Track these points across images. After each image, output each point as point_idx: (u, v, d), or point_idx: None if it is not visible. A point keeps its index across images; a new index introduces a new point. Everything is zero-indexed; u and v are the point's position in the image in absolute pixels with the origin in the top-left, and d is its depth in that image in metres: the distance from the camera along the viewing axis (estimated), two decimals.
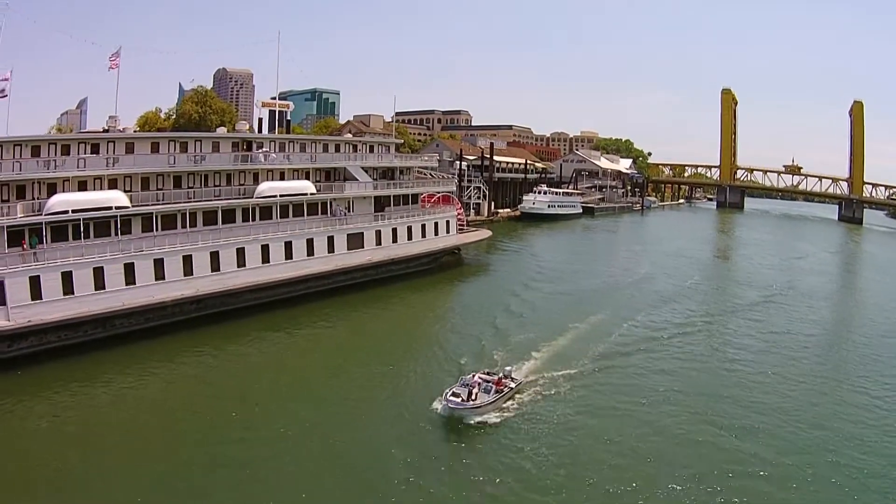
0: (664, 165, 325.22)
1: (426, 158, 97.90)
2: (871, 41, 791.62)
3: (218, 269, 59.58)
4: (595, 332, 58.39)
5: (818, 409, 43.32)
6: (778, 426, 40.13)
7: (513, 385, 42.51)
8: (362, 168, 78.29)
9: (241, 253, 61.63)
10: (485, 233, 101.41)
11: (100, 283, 52.09)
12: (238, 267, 61.23)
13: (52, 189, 54.03)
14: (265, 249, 63.69)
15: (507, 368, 44.28)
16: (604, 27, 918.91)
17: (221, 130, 75.54)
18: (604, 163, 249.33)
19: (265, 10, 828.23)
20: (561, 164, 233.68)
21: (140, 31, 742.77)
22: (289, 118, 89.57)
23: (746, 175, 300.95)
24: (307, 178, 72.71)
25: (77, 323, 50.32)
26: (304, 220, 68.83)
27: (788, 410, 42.71)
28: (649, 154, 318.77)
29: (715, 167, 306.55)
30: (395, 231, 78.27)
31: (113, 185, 56.90)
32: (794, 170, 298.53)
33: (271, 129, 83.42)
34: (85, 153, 56.99)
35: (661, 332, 60.17)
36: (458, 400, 38.87)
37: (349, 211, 74.13)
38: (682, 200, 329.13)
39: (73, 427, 38.29)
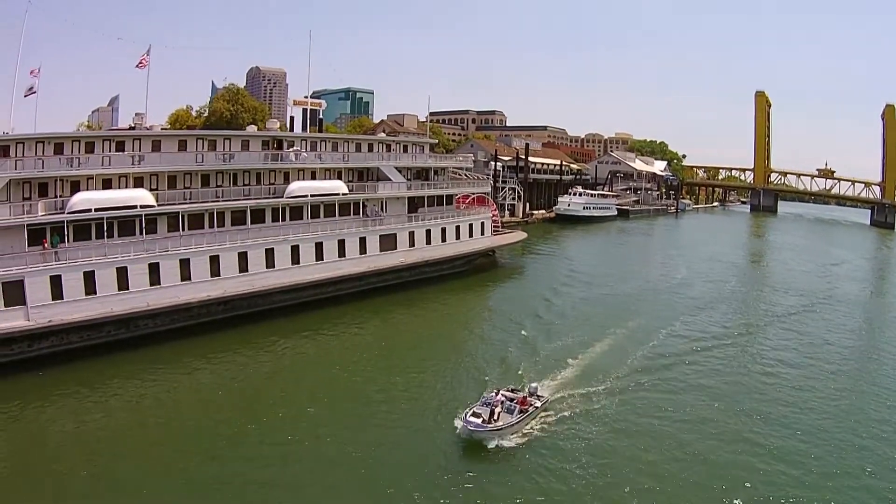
0: (698, 168, 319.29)
1: (461, 159, 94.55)
2: None
3: (246, 270, 57.09)
4: (629, 341, 54.77)
5: (860, 429, 39.48)
6: (820, 448, 36.61)
7: (538, 404, 38.85)
8: (396, 168, 75.28)
9: (270, 254, 59.05)
10: (520, 234, 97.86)
11: (123, 284, 49.94)
12: (267, 268, 58.69)
13: (75, 187, 51.87)
14: (295, 250, 61.06)
15: (533, 385, 40.78)
16: (638, 29, 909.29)
17: (251, 129, 72.94)
18: (638, 164, 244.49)
19: (300, 10, 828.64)
20: (596, 166, 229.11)
21: (173, 30, 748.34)
22: (321, 117, 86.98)
23: (780, 178, 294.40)
24: (339, 177, 69.93)
25: (99, 323, 48.24)
26: (336, 220, 66.02)
27: (830, 430, 39.17)
28: (683, 156, 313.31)
29: (749, 170, 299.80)
30: (428, 232, 75.21)
31: (139, 183, 54.67)
32: (826, 173, 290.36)
33: (304, 127, 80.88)
34: (110, 151, 54.66)
35: (699, 342, 56.30)
36: (479, 421, 35.34)
37: (383, 212, 71.36)
38: (716, 203, 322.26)
39: (97, 430, 36.61)
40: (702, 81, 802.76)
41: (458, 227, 79.61)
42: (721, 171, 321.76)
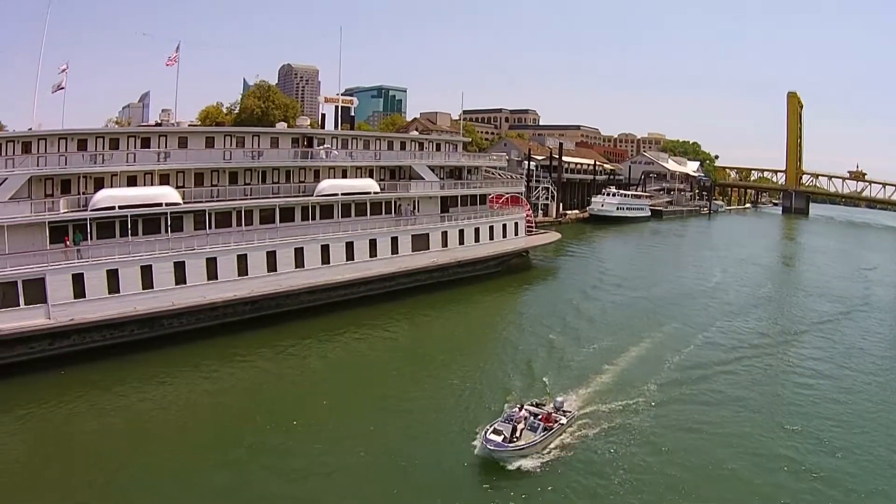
0: (730, 169, 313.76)
1: (495, 158, 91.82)
2: None
3: (275, 270, 54.97)
4: (663, 348, 51.54)
5: None
6: (860, 467, 33.49)
7: (564, 420, 35.28)
8: (428, 167, 72.77)
9: (299, 253, 56.84)
10: (554, 235, 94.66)
11: (147, 282, 48.14)
12: (296, 267, 56.48)
13: (99, 184, 50.08)
14: (325, 250, 58.79)
15: (559, 399, 37.04)
16: (671, 29, 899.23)
17: (281, 126, 70.77)
18: (671, 165, 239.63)
19: (333, 8, 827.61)
20: (630, 166, 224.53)
21: (206, 26, 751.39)
22: (353, 114, 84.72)
23: (811, 180, 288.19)
24: (371, 176, 67.57)
25: (122, 322, 46.54)
26: (367, 219, 63.71)
27: (870, 447, 35.80)
28: (716, 157, 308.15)
29: (780, 172, 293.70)
30: (461, 232, 72.54)
31: (164, 180, 52.79)
32: (858, 176, 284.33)
33: (335, 125, 78.64)
34: (135, 147, 52.79)
35: (735, 350, 52.80)
36: (500, 439, 32.15)
37: (415, 211, 69.00)
38: (748, 205, 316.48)
39: (117, 432, 34.89)
40: (733, 81, 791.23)
41: (491, 228, 76.87)
42: (753, 172, 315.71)
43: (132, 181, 51.44)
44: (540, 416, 34.40)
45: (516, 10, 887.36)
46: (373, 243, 62.76)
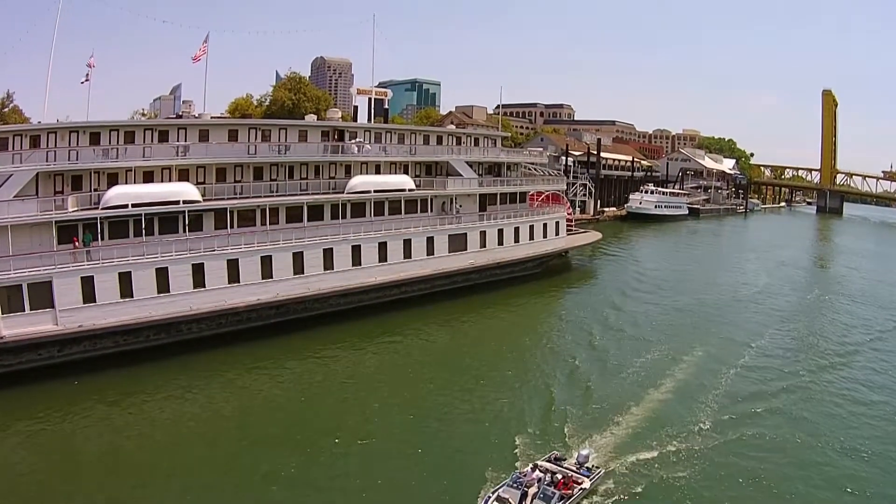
0: (765, 167, 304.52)
1: (536, 154, 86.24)
2: None
3: (301, 272, 49.90)
4: (714, 369, 44.56)
5: None
6: None
7: (587, 483, 27.35)
8: (466, 163, 67.40)
9: (328, 254, 51.67)
10: (594, 235, 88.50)
11: (163, 286, 43.44)
12: (325, 270, 51.37)
13: (112, 180, 45.62)
14: (356, 251, 53.55)
15: (583, 453, 29.20)
16: (705, 27, 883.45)
17: (311, 118, 65.71)
18: (708, 162, 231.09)
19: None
20: (667, 163, 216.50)
21: (240, 17, 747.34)
22: (387, 107, 79.41)
23: (845, 180, 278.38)
24: (405, 172, 62.36)
25: (137, 329, 42.05)
26: (402, 218, 58.33)
27: None
28: (751, 154, 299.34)
29: (815, 170, 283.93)
30: (501, 232, 66.79)
31: (183, 176, 48.05)
32: (893, 176, 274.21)
33: (368, 118, 73.48)
34: (152, 141, 48.00)
35: (792, 368, 45.98)
36: None
37: (457, 209, 63.87)
38: (782, 203, 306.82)
39: (131, 447, 31.50)
40: (768, 79, 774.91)
41: (531, 227, 70.97)
42: (787, 170, 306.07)
43: (148, 177, 46.90)
44: (557, 479, 27.18)
45: (549, 5, 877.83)
46: (407, 244, 57.37)
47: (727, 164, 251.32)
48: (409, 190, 59.63)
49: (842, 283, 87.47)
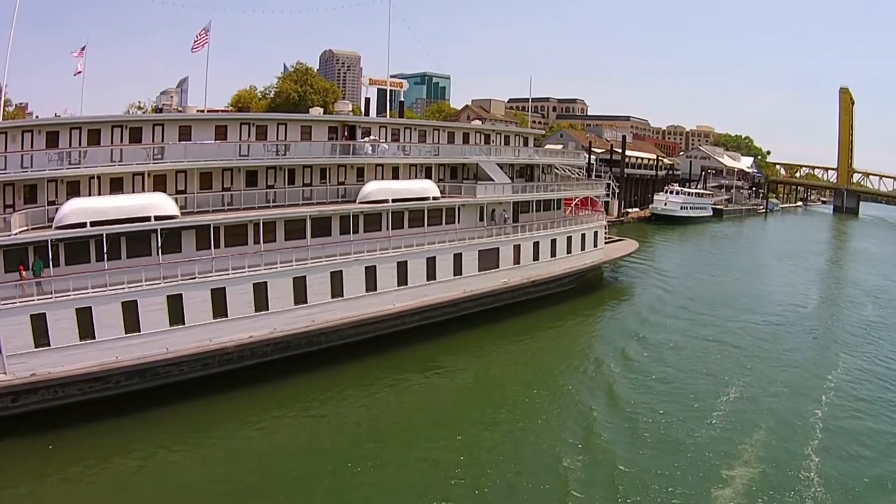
0: (780, 165, 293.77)
1: (573, 154, 75.94)
2: None
3: (304, 301, 40.40)
4: (784, 416, 36.00)
5: None
6: None
7: None
8: (497, 165, 57.62)
9: (337, 278, 42.06)
10: (631, 244, 77.79)
11: (132, 324, 34.07)
12: (333, 297, 41.83)
13: (73, 190, 36.40)
14: (371, 273, 43.90)
15: None
16: (717, 21, 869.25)
17: (316, 112, 55.77)
18: (727, 160, 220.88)
19: None
20: (690, 162, 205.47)
21: (250, 7, 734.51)
22: (402, 99, 69.38)
23: (861, 179, 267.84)
24: (427, 176, 52.77)
25: (102, 376, 33.07)
26: (425, 232, 48.70)
27: None
28: (768, 152, 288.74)
29: (831, 169, 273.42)
30: (536, 245, 56.85)
31: (159, 183, 38.71)
32: None
33: (380, 112, 63.36)
34: (122, 141, 38.48)
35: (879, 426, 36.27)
36: None
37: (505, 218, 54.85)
38: (798, 203, 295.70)
39: None
40: (783, 76, 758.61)
41: (569, 238, 61.09)
42: (802, 169, 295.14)
43: (117, 185, 37.48)
44: None
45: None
46: (431, 262, 47.71)
47: (745, 163, 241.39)
48: (434, 198, 49.88)
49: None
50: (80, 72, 46.12)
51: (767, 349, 49.89)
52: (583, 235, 63.03)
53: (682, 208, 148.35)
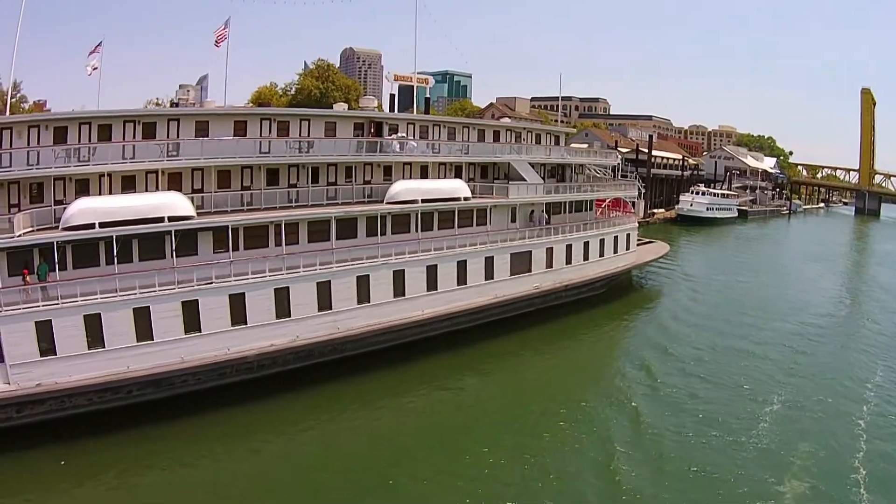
0: (802, 166, 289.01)
1: (606, 154, 72.86)
2: None
3: (329, 308, 37.83)
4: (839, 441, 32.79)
5: None
6: None
7: None
8: (529, 164, 54.68)
9: (363, 283, 39.43)
10: (662, 246, 74.86)
11: (145, 331, 31.63)
12: (359, 303, 39.23)
13: (82, 189, 33.98)
14: (399, 277, 41.25)
15: None
16: (737, 21, 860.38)
17: (341, 107, 53.14)
18: (750, 161, 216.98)
19: None
20: (715, 163, 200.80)
21: (274, 10, 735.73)
22: (427, 96, 66.55)
23: (883, 180, 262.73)
24: (457, 175, 49.96)
25: (113, 386, 30.72)
26: (456, 234, 45.89)
27: None
28: (790, 153, 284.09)
29: (852, 170, 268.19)
30: (569, 248, 54.02)
31: (174, 181, 36.22)
32: None
33: (403, 109, 60.49)
34: (134, 137, 36.02)
35: None
36: None
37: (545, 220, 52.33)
38: (821, 204, 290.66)
39: None
40: (803, 75, 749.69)
41: (601, 241, 58.15)
42: (823, 169, 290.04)
43: (129, 184, 35.10)
44: None
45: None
46: (462, 266, 44.96)
47: (768, 163, 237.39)
48: (465, 199, 47.04)
49: None
50: (95, 68, 44.41)
51: (805, 346, 48.77)
52: (615, 238, 60.17)
53: (707, 209, 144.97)
